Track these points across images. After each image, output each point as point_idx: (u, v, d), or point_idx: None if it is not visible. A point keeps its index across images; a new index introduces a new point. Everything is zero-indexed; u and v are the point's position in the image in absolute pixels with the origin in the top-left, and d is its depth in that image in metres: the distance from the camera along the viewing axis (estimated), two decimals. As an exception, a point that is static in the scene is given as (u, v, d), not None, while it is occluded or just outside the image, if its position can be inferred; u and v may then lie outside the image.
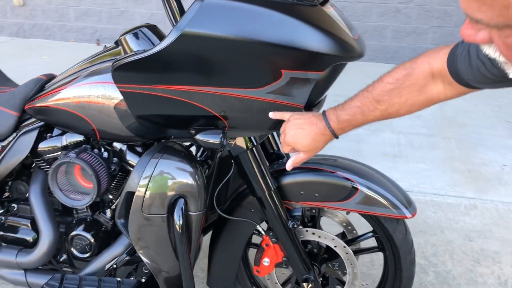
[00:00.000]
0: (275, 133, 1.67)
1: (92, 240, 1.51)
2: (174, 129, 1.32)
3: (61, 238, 1.59)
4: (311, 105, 1.30)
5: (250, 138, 1.39)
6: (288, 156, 1.66)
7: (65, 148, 1.51)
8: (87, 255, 1.54)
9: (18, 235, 1.63)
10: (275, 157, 1.67)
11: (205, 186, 1.31)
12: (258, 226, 1.51)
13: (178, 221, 1.24)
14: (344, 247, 1.53)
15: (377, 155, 3.30)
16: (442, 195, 2.79)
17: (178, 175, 1.25)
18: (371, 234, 1.60)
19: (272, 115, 1.20)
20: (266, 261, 1.55)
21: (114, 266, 1.45)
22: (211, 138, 1.24)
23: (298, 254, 1.50)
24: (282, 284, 1.68)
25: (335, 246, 1.54)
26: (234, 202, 1.55)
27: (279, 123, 1.26)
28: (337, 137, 1.17)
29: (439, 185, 2.91)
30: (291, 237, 1.47)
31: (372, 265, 2.15)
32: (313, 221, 1.63)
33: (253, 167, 1.40)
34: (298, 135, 1.17)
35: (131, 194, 1.27)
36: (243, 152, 1.39)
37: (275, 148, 1.67)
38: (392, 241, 1.50)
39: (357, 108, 1.10)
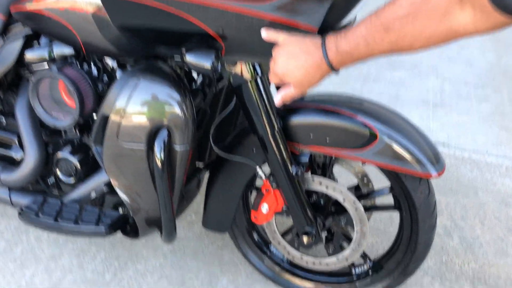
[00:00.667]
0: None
1: (78, 165, 1.38)
2: (162, 45, 1.11)
3: (48, 158, 1.47)
4: (329, 29, 1.06)
5: (254, 66, 1.17)
6: None
7: (53, 60, 1.34)
8: (72, 180, 1.41)
9: (4, 151, 1.52)
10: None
11: (194, 118, 1.12)
12: (258, 168, 1.32)
13: (158, 155, 1.08)
14: (354, 202, 1.34)
15: (417, 101, 3.00)
16: (483, 153, 2.50)
17: (160, 102, 1.07)
18: (388, 190, 1.39)
19: (264, 34, 0.97)
20: (264, 208, 1.38)
21: (95, 195, 1.32)
22: (201, 61, 1.04)
23: (300, 204, 1.32)
24: (283, 234, 1.52)
25: (344, 200, 1.35)
26: (235, 139, 1.37)
27: None
28: (336, 71, 0.94)
29: (481, 141, 2.61)
30: (293, 184, 1.29)
31: (391, 222, 1.96)
32: (324, 169, 1.44)
33: (255, 101, 1.20)
34: (289, 65, 0.94)
35: (106, 118, 1.11)
36: (244, 82, 1.18)
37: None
38: (411, 201, 1.29)
39: (362, 37, 0.86)
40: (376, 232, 1.90)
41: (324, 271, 1.54)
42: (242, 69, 1.17)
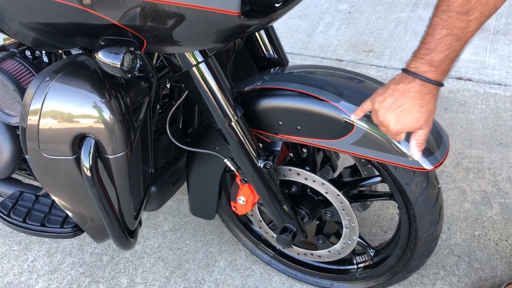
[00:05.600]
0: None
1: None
2: (80, 38, 0.94)
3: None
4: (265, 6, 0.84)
5: (193, 53, 0.97)
6: (280, 54, 1.21)
7: None
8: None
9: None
10: (267, 64, 1.24)
11: (127, 121, 0.96)
12: (226, 160, 1.16)
13: (87, 167, 0.95)
14: (338, 195, 1.14)
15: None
16: (548, 93, 2.09)
17: (77, 107, 0.91)
18: (379, 179, 1.17)
19: (354, 117, 0.96)
20: (241, 200, 1.23)
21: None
22: (110, 58, 0.86)
23: (273, 199, 1.15)
24: (270, 222, 1.38)
25: (326, 193, 1.15)
26: (200, 130, 1.21)
27: (228, 35, 0.86)
28: (442, 85, 0.83)
29: (549, 78, 2.18)
30: (262, 178, 1.11)
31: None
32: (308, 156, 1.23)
33: (203, 90, 1.01)
34: (401, 117, 0.84)
35: (24, 130, 0.99)
36: (186, 70, 0.99)
37: (267, 50, 1.22)
38: (404, 195, 1.07)
39: (447, 36, 0.76)
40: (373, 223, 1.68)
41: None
42: (182, 56, 0.98)
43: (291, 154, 1.30)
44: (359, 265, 1.34)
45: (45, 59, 1.20)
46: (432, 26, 0.77)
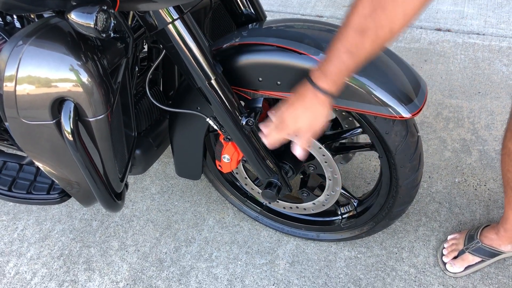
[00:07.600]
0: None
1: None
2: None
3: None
4: None
5: (168, 9, 0.96)
6: (258, 9, 1.21)
7: None
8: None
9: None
10: (245, 20, 1.23)
11: (105, 82, 0.95)
12: (209, 120, 1.16)
13: (68, 130, 0.94)
14: (320, 148, 1.16)
15: (453, -20, 2.54)
16: (525, 41, 2.11)
17: (54, 70, 0.90)
18: (360, 130, 1.19)
19: (266, 142, 1.04)
20: (226, 158, 1.24)
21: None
22: (83, 19, 0.84)
23: (256, 155, 1.16)
24: (256, 179, 1.40)
25: (309, 146, 1.17)
26: (181, 91, 1.20)
27: None
28: (334, 95, 0.90)
29: (526, 25, 2.20)
30: (245, 136, 1.12)
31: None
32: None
33: (180, 48, 1.00)
34: (293, 120, 0.94)
35: (1, 97, 0.97)
36: (162, 29, 0.98)
37: (244, 6, 1.21)
38: (384, 144, 1.09)
39: (342, 52, 0.81)
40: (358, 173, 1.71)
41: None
42: (157, 13, 0.96)
43: (273, 111, 1.31)
44: (344, 216, 1.39)
45: (17, 24, 1.17)
46: (334, 38, 0.83)
